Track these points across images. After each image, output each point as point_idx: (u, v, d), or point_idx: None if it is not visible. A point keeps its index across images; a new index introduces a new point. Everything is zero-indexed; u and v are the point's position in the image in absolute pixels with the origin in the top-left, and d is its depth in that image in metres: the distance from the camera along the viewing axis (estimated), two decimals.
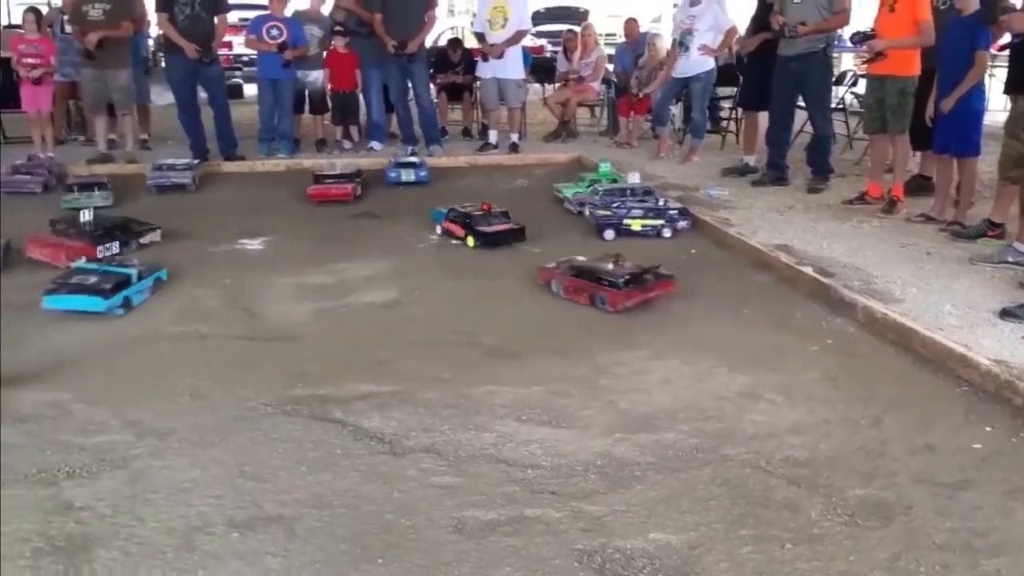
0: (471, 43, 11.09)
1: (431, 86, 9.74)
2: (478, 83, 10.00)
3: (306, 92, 9.43)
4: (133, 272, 4.82)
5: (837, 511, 2.80)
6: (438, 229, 6.25)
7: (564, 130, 10.52)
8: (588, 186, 7.18)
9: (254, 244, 6.09)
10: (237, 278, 5.22)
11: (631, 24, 11.00)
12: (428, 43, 9.82)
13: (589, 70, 10.65)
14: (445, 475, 3.01)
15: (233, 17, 9.34)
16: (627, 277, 4.67)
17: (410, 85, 9.19)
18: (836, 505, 2.83)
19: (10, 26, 10.00)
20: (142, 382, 3.74)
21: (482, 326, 4.43)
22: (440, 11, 9.89)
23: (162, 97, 10.05)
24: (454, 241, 6.05)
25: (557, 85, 11.16)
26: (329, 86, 9.48)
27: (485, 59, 9.40)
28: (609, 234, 6.13)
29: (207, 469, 3.03)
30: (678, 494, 2.90)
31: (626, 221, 6.18)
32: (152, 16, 9.19)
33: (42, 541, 2.61)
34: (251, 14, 10.09)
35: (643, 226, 6.17)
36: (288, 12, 9.16)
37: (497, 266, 5.51)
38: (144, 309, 4.70)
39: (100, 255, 5.40)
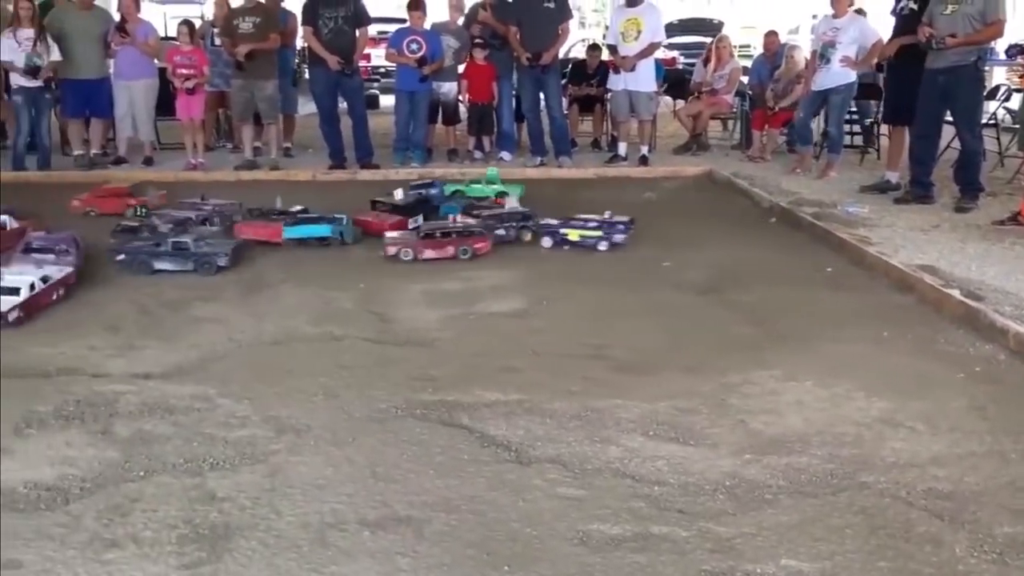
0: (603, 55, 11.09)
1: (563, 97, 9.79)
2: (609, 95, 9.99)
3: (439, 103, 9.63)
4: (344, 216, 6.32)
5: (984, 548, 2.64)
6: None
7: (695, 143, 10.38)
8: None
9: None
10: (370, 282, 5.37)
11: (771, 38, 10.75)
12: (560, 54, 9.88)
13: (723, 82, 10.47)
14: (570, 487, 3.01)
15: (371, 30, 9.64)
16: (425, 233, 5.90)
17: (542, 96, 9.27)
18: (983, 542, 2.67)
19: (165, 38, 10.59)
20: (280, 380, 3.89)
21: (610, 339, 4.40)
22: (571, 23, 9.91)
23: (304, 107, 10.46)
24: None
25: (691, 97, 11.03)
26: (466, 97, 9.66)
27: (617, 71, 9.38)
28: (547, 242, 6.26)
29: (340, 467, 3.12)
30: (811, 520, 2.80)
31: (563, 231, 6.25)
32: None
33: (187, 528, 2.74)
34: (390, 27, 10.40)
35: (581, 236, 6.21)
36: (426, 24, 9.39)
37: (627, 279, 5.47)
38: (281, 310, 4.88)
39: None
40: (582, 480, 3.05)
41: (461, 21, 9.77)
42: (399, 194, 6.86)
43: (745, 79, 10.87)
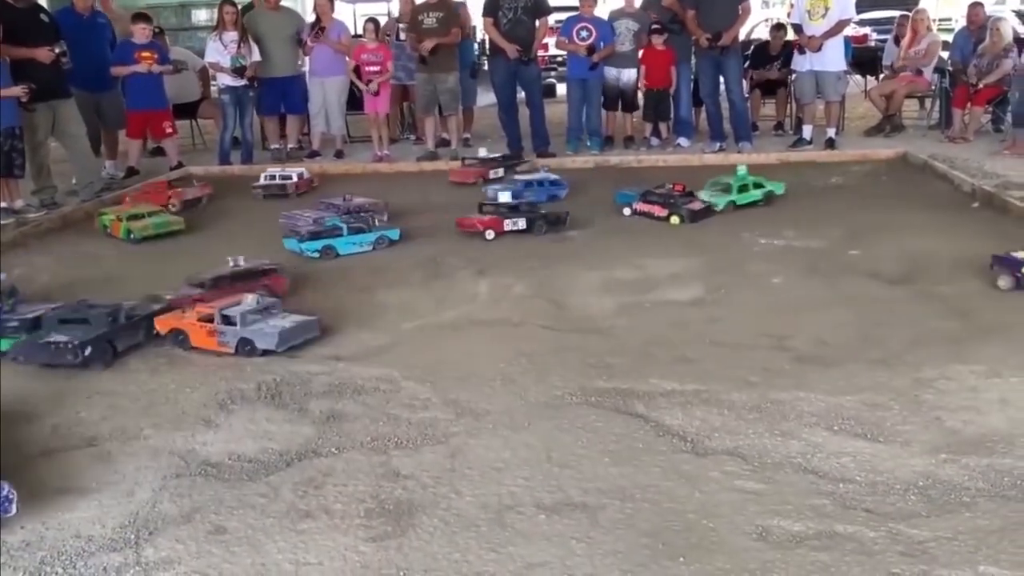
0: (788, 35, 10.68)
1: (744, 81, 9.49)
2: (793, 76, 9.60)
3: (619, 90, 9.55)
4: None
5: None
6: (626, 211, 6.72)
7: (888, 124, 9.81)
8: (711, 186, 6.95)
9: (564, 238, 6.28)
10: (546, 269, 5.43)
11: (975, 9, 9.98)
12: (741, 35, 9.58)
13: (919, 58, 9.82)
14: (749, 480, 2.94)
15: (550, 19, 9.68)
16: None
17: (721, 80, 9.04)
18: None
19: (356, 35, 11.07)
20: (460, 364, 4.01)
21: (793, 329, 4.25)
22: (754, 2, 9.57)
23: (483, 98, 10.69)
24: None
25: (882, 76, 10.43)
26: (643, 83, 9.55)
27: (802, 51, 9.01)
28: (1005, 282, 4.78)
29: (517, 451, 3.19)
30: (1015, 526, 2.61)
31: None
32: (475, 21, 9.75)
33: (374, 503, 2.89)
34: (566, 16, 10.42)
35: None
36: (604, 11, 9.35)
37: (811, 268, 5.26)
38: (460, 297, 5.02)
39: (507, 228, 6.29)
40: (761, 474, 2.97)
41: (638, 3, 9.66)
42: (504, 195, 6.58)
43: (945, 54, 10.16)
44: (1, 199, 7.10)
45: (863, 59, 11.32)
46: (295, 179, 7.98)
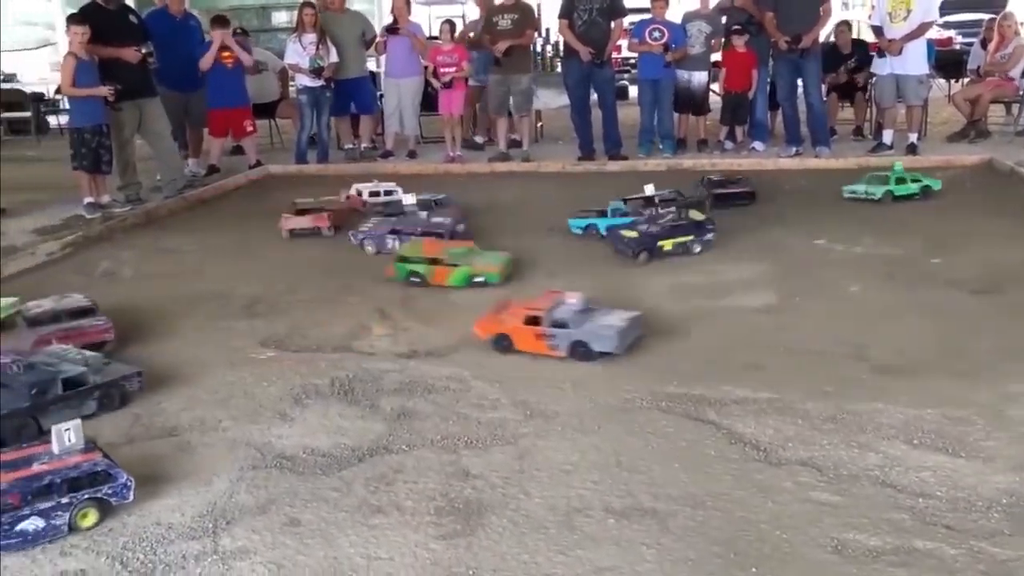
0: (865, 35, 10.44)
1: (822, 84, 9.30)
2: (873, 79, 9.37)
3: (689, 92, 9.45)
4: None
5: None
6: None
7: (973, 129, 9.51)
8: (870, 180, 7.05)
9: None
10: (616, 272, 5.40)
11: None
12: (821, 38, 9.39)
13: (1006, 63, 9.50)
14: (824, 492, 2.88)
15: (624, 21, 9.62)
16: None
17: (799, 83, 8.87)
18: None
19: (431, 38, 11.16)
20: (529, 366, 4.01)
21: (871, 338, 4.16)
22: (833, 2, 9.35)
23: (555, 100, 10.66)
24: None
25: (967, 80, 10.11)
26: (720, 85, 9.43)
27: (882, 54, 8.79)
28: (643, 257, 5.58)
29: (586, 455, 3.18)
30: None
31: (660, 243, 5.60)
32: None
33: (444, 501, 2.91)
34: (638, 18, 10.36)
35: (674, 245, 5.62)
36: (678, 13, 9.27)
37: (890, 276, 5.13)
38: (533, 297, 5.00)
39: None
40: (837, 486, 2.91)
41: (712, 4, 9.56)
42: (649, 188, 6.72)
43: None
44: (89, 194, 7.36)
45: (947, 62, 11.00)
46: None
